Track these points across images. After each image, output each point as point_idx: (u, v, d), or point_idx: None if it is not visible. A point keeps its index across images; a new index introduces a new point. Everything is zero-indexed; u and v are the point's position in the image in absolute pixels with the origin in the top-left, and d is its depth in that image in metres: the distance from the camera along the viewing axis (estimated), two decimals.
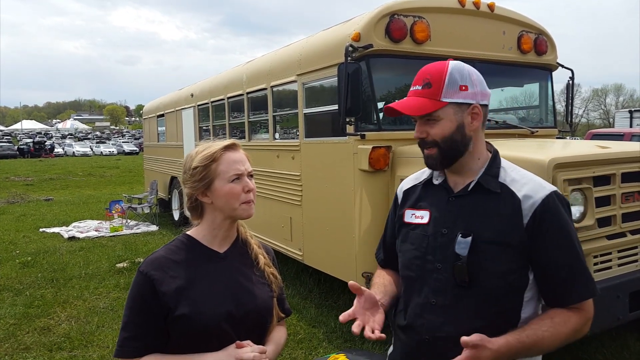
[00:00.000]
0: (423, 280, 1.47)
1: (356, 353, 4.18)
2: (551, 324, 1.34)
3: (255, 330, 1.53)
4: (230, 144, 1.53)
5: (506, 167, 1.49)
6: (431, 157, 1.48)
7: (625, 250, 3.29)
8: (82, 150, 47.99)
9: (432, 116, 1.44)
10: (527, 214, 1.38)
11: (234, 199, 1.49)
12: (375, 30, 3.98)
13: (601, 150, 3.35)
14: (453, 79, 1.43)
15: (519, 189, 1.42)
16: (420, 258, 1.48)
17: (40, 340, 4.39)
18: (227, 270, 1.54)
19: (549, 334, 1.33)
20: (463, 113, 1.44)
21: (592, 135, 11.87)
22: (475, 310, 1.38)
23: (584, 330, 1.41)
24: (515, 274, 1.38)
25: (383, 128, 4.13)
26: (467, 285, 1.38)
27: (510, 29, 4.64)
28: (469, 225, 1.41)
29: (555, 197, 1.41)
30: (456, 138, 1.44)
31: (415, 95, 1.47)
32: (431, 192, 1.55)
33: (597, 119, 56.54)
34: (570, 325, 1.36)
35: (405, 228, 1.57)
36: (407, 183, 1.69)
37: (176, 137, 9.45)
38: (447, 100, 1.42)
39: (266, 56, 6.06)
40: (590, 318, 1.42)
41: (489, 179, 1.45)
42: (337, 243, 4.40)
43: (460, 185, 1.49)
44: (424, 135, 1.47)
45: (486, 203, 1.43)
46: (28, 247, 8.10)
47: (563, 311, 1.38)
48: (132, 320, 1.45)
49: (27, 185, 18.99)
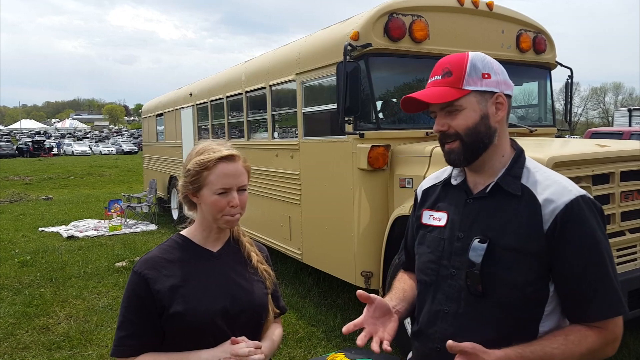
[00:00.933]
0: (437, 286, 1.39)
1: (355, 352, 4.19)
2: (564, 341, 1.22)
3: (250, 327, 1.54)
4: (228, 155, 1.50)
5: (531, 167, 1.37)
6: (453, 152, 1.35)
7: (624, 248, 3.30)
8: (81, 150, 47.95)
9: (454, 106, 1.32)
10: (547, 219, 1.26)
11: (216, 211, 1.49)
12: (374, 29, 3.98)
13: (600, 148, 3.35)
14: (474, 66, 1.32)
15: (540, 192, 1.29)
16: (435, 262, 1.40)
17: (39, 339, 4.39)
18: (221, 269, 1.55)
19: (559, 352, 1.21)
20: (487, 102, 1.33)
21: (591, 134, 11.87)
22: (489, 322, 1.28)
23: (607, 352, 1.27)
24: (533, 285, 1.26)
25: (382, 127, 4.13)
26: (481, 294, 1.28)
27: (509, 28, 4.64)
28: (486, 230, 1.31)
29: (582, 202, 1.27)
30: (480, 129, 1.32)
31: (434, 85, 1.35)
32: (450, 192, 1.46)
33: (596, 117, 56.60)
34: (587, 345, 1.23)
35: (423, 230, 1.49)
36: (427, 182, 1.59)
37: (175, 137, 9.44)
38: (469, 88, 1.31)
39: (265, 55, 6.05)
40: (617, 340, 1.28)
41: (509, 180, 1.33)
42: (336, 242, 4.40)
43: (480, 186, 1.38)
44: (445, 128, 1.34)
45: (505, 207, 1.32)
46: (27, 246, 8.09)
47: (581, 329, 1.25)
48: (127, 319, 1.45)
49: (26, 184, 18.98)
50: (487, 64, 1.34)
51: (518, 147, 1.41)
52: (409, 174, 3.83)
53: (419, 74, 4.38)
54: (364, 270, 4.05)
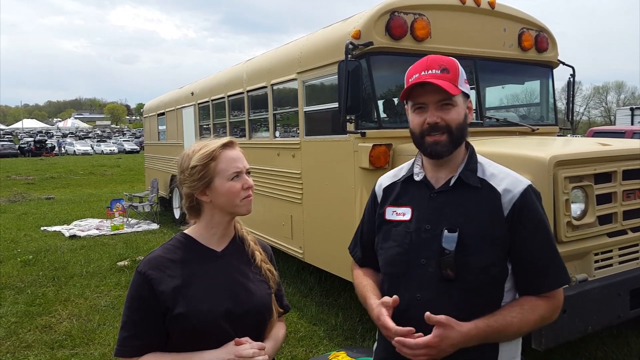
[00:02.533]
0: (407, 277, 1.48)
1: (357, 351, 4.18)
2: (520, 310, 1.40)
3: (253, 327, 1.53)
4: (228, 142, 1.53)
5: (483, 162, 1.53)
6: (440, 144, 1.46)
7: (626, 247, 3.29)
8: (83, 149, 48.01)
9: (452, 100, 1.45)
10: (507, 207, 1.43)
11: (234, 196, 1.50)
12: (376, 27, 3.97)
13: (602, 147, 3.34)
14: (461, 70, 1.48)
15: (498, 184, 1.46)
16: (403, 254, 1.49)
17: (41, 338, 4.40)
18: (225, 269, 1.54)
19: (517, 320, 1.38)
20: (465, 104, 1.50)
21: (593, 132, 11.85)
22: (459, 303, 1.40)
23: (553, 317, 1.46)
24: (497, 266, 1.42)
25: (383, 126, 4.13)
26: (452, 279, 1.40)
27: (511, 26, 4.62)
28: (453, 221, 1.44)
29: (531, 191, 1.46)
30: (464, 126, 1.49)
31: (435, 78, 1.43)
32: (412, 188, 1.56)
33: (598, 116, 56.46)
34: (539, 312, 1.41)
35: (387, 225, 1.57)
36: (385, 180, 1.68)
37: (177, 136, 9.45)
38: (461, 88, 1.46)
39: (266, 54, 6.05)
40: (560, 306, 1.47)
41: (469, 174, 1.49)
42: (337, 241, 4.40)
43: (442, 181, 1.51)
44: (439, 120, 1.45)
45: (468, 198, 1.46)
46: (29, 245, 8.11)
47: (532, 299, 1.43)
48: (131, 319, 1.45)
49: (28, 184, 19.01)
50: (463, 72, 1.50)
51: (470, 145, 1.56)
52: None
53: None
54: None
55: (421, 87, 1.45)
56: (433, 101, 1.45)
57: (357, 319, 4.64)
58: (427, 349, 1.31)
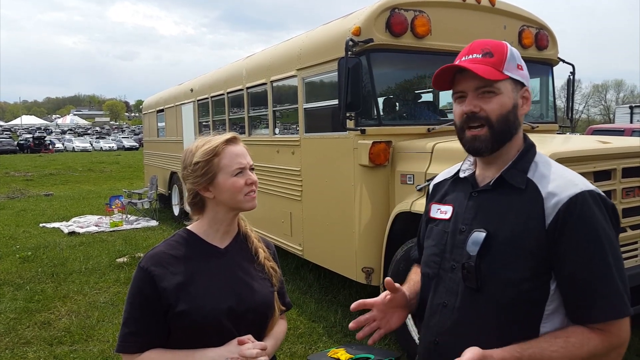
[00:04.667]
0: (439, 279, 1.37)
1: (356, 347, 4.18)
2: (564, 344, 1.16)
3: (255, 325, 1.53)
4: (231, 138, 1.52)
5: (540, 161, 1.32)
6: (479, 139, 1.28)
7: (625, 245, 3.29)
8: (81, 146, 47.95)
9: (493, 87, 1.26)
10: (550, 213, 1.20)
11: (237, 192, 1.49)
12: (376, 24, 3.96)
13: (602, 145, 3.34)
14: (513, 54, 1.30)
15: (544, 186, 1.24)
16: (438, 255, 1.38)
17: (40, 334, 4.40)
18: (228, 266, 1.53)
19: (559, 355, 1.14)
20: (517, 93, 1.30)
21: (593, 130, 11.87)
22: (485, 317, 1.24)
23: (611, 356, 1.20)
24: (530, 282, 1.20)
25: (383, 123, 4.13)
26: (477, 289, 1.25)
27: (511, 24, 4.62)
28: (487, 224, 1.27)
29: (589, 197, 1.20)
30: (510, 119, 1.28)
31: (474, 62, 1.28)
32: (459, 186, 1.43)
33: (597, 114, 56.49)
34: (589, 348, 1.16)
35: (431, 223, 1.47)
36: (439, 177, 1.56)
37: (176, 133, 9.44)
38: (508, 73, 1.28)
39: (266, 51, 6.04)
40: (622, 345, 1.20)
41: (514, 173, 1.29)
42: (337, 238, 4.40)
43: (488, 179, 1.34)
44: (477, 110, 1.28)
45: (507, 200, 1.27)
46: (28, 242, 8.10)
47: (584, 331, 1.18)
48: (132, 315, 1.44)
49: (27, 180, 18.99)
50: (519, 57, 1.32)
51: (529, 141, 1.37)
52: (410, 170, 3.82)
53: (420, 70, 4.37)
54: (365, 266, 4.05)
55: (460, 74, 1.30)
56: (471, 88, 1.28)
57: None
58: None
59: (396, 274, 3.58)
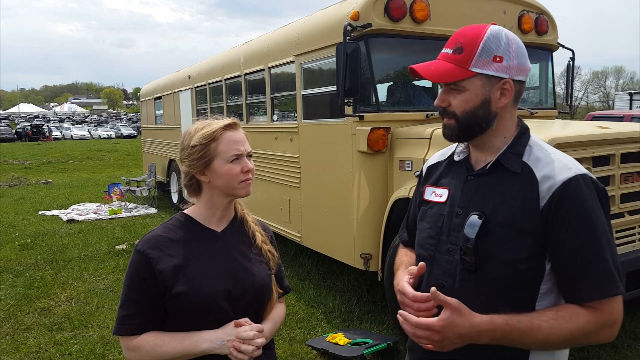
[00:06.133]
0: (435, 261, 1.39)
1: (354, 332, 4.21)
2: (554, 315, 1.20)
3: (252, 308, 1.53)
4: (231, 123, 1.50)
5: (534, 145, 1.34)
6: (448, 128, 1.36)
7: (623, 230, 3.30)
8: (80, 134, 47.78)
9: (458, 85, 1.30)
10: (544, 196, 1.24)
11: (232, 179, 1.48)
12: (375, 9, 3.92)
13: (601, 130, 3.33)
14: (488, 47, 1.28)
15: (540, 169, 1.28)
16: (434, 238, 1.41)
17: (40, 320, 4.43)
18: (225, 249, 1.53)
19: (548, 325, 1.18)
20: (492, 87, 1.30)
21: (592, 117, 11.85)
22: (483, 297, 1.27)
23: (604, 335, 1.23)
24: (526, 262, 1.25)
25: (382, 109, 4.11)
26: (475, 270, 1.28)
27: (511, 9, 4.58)
28: (483, 207, 1.30)
29: (582, 181, 1.24)
30: (478, 114, 1.31)
31: (443, 59, 1.33)
32: (453, 169, 1.45)
33: (596, 101, 56.26)
34: (578, 322, 1.20)
35: (425, 206, 1.49)
36: (432, 159, 1.57)
37: (174, 120, 9.40)
38: (476, 70, 1.28)
39: (263, 37, 5.99)
40: (614, 323, 1.23)
41: (510, 157, 1.32)
42: (335, 224, 4.41)
43: (482, 163, 1.37)
44: (445, 104, 1.34)
45: (504, 184, 1.30)
46: (27, 229, 8.11)
47: (573, 307, 1.23)
48: (130, 298, 1.45)
49: (25, 168, 18.96)
50: (504, 46, 1.29)
51: (523, 125, 1.38)
52: (408, 156, 3.81)
53: (419, 55, 4.33)
54: (363, 252, 4.06)
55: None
56: (443, 83, 1.34)
57: (355, 302, 4.67)
58: (430, 331, 1.17)
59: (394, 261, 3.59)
